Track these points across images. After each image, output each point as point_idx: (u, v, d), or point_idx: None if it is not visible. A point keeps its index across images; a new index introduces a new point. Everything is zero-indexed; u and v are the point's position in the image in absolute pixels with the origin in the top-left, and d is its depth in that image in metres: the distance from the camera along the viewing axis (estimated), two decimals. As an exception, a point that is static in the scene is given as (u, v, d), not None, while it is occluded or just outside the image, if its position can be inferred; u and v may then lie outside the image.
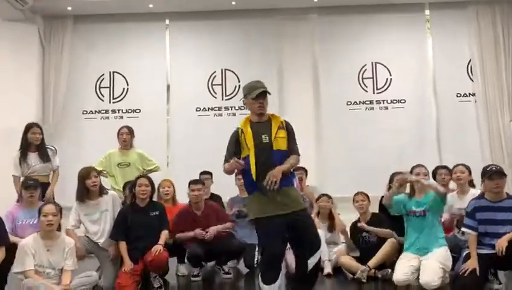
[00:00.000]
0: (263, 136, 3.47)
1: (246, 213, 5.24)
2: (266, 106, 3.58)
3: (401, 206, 4.32)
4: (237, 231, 5.22)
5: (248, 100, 3.56)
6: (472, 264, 3.80)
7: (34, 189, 4.44)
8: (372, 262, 4.48)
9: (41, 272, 3.74)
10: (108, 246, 4.47)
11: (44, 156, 5.29)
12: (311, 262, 3.51)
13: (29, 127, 5.30)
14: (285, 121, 3.62)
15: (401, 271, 4.09)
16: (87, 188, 4.47)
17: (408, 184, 4.38)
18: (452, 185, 4.90)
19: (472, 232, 3.94)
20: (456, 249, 4.25)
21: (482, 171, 4.06)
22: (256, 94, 3.50)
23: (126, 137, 5.64)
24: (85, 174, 4.47)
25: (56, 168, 5.44)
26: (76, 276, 3.95)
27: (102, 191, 4.56)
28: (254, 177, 3.41)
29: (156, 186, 5.22)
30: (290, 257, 4.49)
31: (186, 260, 4.91)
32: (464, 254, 4.03)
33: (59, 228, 4.01)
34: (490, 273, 4.01)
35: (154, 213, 4.50)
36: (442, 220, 4.45)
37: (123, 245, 4.35)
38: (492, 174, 3.89)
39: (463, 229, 4.06)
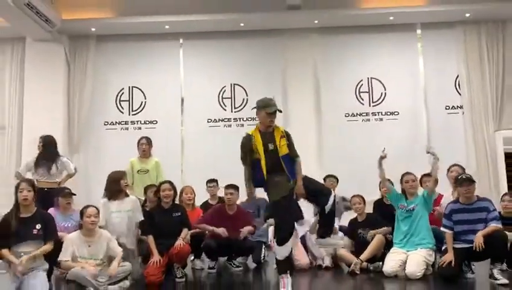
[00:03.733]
0: (269, 145, 4.09)
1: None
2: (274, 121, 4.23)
3: (395, 197, 5.04)
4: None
5: (262, 113, 4.14)
6: (449, 257, 4.48)
7: (70, 197, 5.10)
8: (364, 256, 5.03)
9: (82, 261, 4.35)
10: (130, 244, 4.90)
11: (50, 169, 5.75)
12: (328, 206, 4.16)
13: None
14: (284, 130, 4.25)
15: (390, 264, 4.78)
16: (120, 189, 4.95)
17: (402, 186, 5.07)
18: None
19: (448, 231, 4.62)
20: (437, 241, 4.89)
21: (454, 180, 4.78)
22: (273, 110, 4.11)
23: (145, 147, 6.18)
24: (120, 176, 5.00)
25: (72, 173, 5.96)
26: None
27: (126, 193, 5.09)
28: (266, 177, 4.06)
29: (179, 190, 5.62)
30: (298, 252, 5.15)
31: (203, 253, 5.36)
32: (443, 248, 4.70)
33: None
34: (464, 265, 4.65)
35: (176, 214, 5.04)
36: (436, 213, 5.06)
37: (151, 239, 4.84)
38: (463, 181, 4.58)
39: (442, 228, 4.71)
